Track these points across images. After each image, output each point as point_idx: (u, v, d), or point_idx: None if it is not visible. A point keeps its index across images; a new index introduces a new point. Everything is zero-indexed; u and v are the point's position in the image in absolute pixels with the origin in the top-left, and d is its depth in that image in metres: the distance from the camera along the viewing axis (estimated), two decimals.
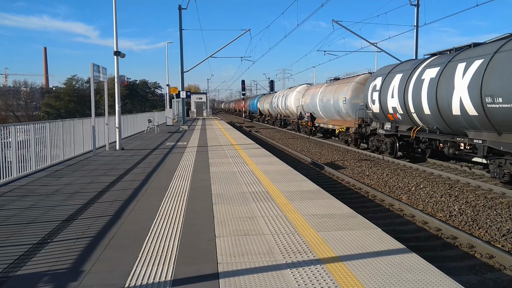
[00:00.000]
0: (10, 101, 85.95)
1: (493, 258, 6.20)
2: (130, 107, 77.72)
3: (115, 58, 15.97)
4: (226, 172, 9.81)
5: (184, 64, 34.49)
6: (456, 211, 8.89)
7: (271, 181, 8.58)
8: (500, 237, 7.25)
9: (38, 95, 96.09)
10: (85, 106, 72.86)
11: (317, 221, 5.59)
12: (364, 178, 13.06)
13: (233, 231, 5.18)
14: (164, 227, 5.44)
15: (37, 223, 5.75)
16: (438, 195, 10.31)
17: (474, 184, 11.33)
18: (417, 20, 25.89)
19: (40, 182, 9.04)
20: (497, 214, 8.49)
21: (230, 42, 34.83)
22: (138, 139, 21.39)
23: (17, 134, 9.57)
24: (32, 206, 6.83)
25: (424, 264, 4.00)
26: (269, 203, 6.66)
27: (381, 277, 3.72)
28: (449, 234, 7.33)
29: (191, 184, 8.39)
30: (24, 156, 9.86)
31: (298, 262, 4.12)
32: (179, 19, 33.31)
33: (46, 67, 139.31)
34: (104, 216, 6.07)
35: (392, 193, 10.87)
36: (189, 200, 6.96)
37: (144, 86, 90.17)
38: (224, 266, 4.05)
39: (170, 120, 36.26)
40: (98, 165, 11.72)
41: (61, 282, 3.78)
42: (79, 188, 8.23)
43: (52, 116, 70.12)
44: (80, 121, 14.52)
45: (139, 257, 4.34)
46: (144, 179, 9.14)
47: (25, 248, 4.72)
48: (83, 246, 4.74)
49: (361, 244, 4.63)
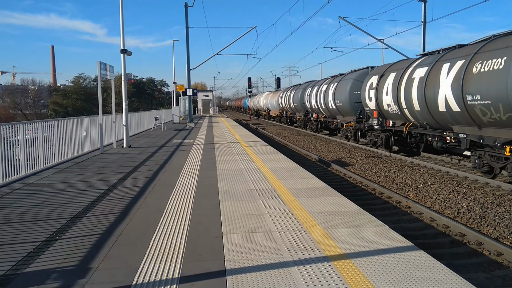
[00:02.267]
0: (18, 99, 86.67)
1: (501, 255, 6.15)
2: (137, 105, 78.10)
3: (122, 56, 16.03)
4: (232, 169, 9.82)
5: (190, 62, 34.53)
6: (464, 208, 8.83)
7: (277, 178, 8.57)
8: (509, 234, 7.19)
9: (46, 93, 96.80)
10: (92, 104, 73.27)
11: (324, 218, 5.58)
12: (371, 175, 13.01)
13: (240, 228, 5.19)
14: (171, 224, 5.46)
15: (45, 221, 5.80)
16: (446, 192, 10.25)
17: (482, 181, 11.25)
18: (425, 16, 25.72)
19: (48, 180, 9.11)
20: (506, 211, 8.42)
21: (236, 40, 34.86)
22: (145, 136, 21.47)
23: (25, 132, 9.65)
24: (41, 203, 6.89)
25: (432, 262, 3.98)
26: (276, 200, 6.66)
27: (388, 275, 3.70)
28: (457, 231, 7.28)
29: (198, 182, 8.41)
30: (32, 154, 9.94)
31: (305, 260, 4.12)
32: (186, 16, 33.32)
33: (53, 65, 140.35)
34: (112, 213, 6.10)
35: (399, 190, 10.82)
36: (196, 197, 6.98)
37: (150, 84, 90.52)
38: (231, 263, 4.05)
39: (176, 118, 36.32)
40: (106, 162, 11.78)
41: (70, 279, 3.80)
42: (87, 186, 8.28)
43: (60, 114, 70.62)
44: (87, 119, 14.61)
45: (146, 254, 4.36)
46: (151, 177, 9.17)
47: (34, 245, 4.76)
48: (91, 243, 4.77)
49: (368, 241, 4.61)
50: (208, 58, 41.32)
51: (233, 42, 37.43)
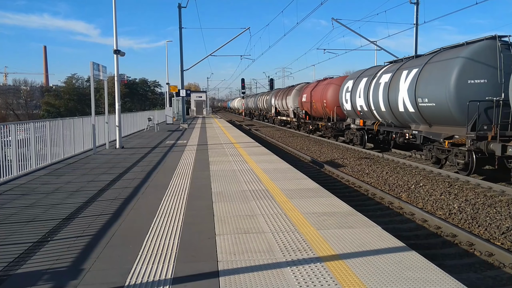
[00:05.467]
0: (10, 99, 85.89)
1: (492, 256, 6.21)
2: (130, 106, 77.73)
3: (115, 56, 15.97)
4: (226, 170, 9.81)
5: (184, 63, 34.50)
6: (455, 209, 8.90)
7: (271, 179, 8.58)
8: (500, 235, 7.26)
9: (38, 93, 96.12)
10: (85, 104, 72.88)
11: (317, 219, 5.59)
12: (363, 176, 13.07)
13: (233, 229, 5.19)
14: (164, 225, 5.45)
15: (37, 222, 5.76)
16: (437, 193, 10.32)
17: (473, 182, 11.34)
18: (417, 18, 25.87)
19: (40, 181, 9.05)
20: (497, 212, 8.50)
21: (230, 41, 34.88)
22: (138, 137, 21.40)
23: (17, 133, 9.58)
24: (33, 204, 6.84)
25: (424, 262, 4.01)
26: (269, 201, 6.67)
27: (381, 275, 3.73)
28: (448, 232, 7.34)
29: (191, 183, 8.40)
30: (24, 155, 9.87)
31: (298, 260, 4.13)
32: (179, 17, 33.31)
33: (46, 65, 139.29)
34: (105, 214, 6.08)
35: (391, 191, 10.88)
36: (189, 198, 6.97)
37: (144, 84, 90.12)
38: (224, 264, 4.06)
39: (170, 119, 36.22)
40: (99, 163, 11.73)
41: (62, 280, 3.78)
42: (80, 187, 8.24)
43: (52, 114, 70.12)
44: (80, 119, 14.53)
45: (139, 255, 4.35)
46: (144, 178, 9.14)
47: (26, 246, 4.73)
48: (83, 244, 4.75)
49: (361, 242, 4.63)
50: (201, 59, 41.27)
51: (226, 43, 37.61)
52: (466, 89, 11.85)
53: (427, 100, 13.23)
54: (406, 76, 14.62)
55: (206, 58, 40.05)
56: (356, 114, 19.78)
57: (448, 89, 12.11)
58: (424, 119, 13.91)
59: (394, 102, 15.36)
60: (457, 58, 12.25)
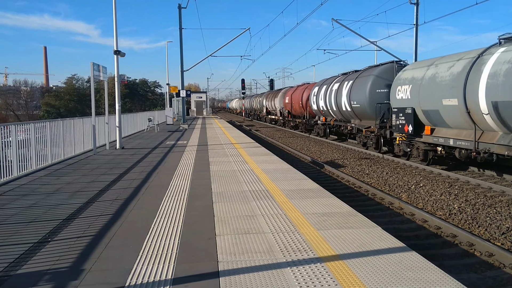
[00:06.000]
0: (10, 100, 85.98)
1: (492, 256, 6.21)
2: (130, 106, 77.76)
3: (115, 57, 15.98)
4: (226, 170, 9.82)
5: (184, 63, 34.52)
6: (455, 210, 8.90)
7: (271, 179, 8.59)
8: (500, 235, 7.26)
9: (38, 94, 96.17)
10: (85, 105, 72.92)
11: (317, 219, 5.60)
12: (364, 176, 13.07)
13: (233, 230, 5.20)
14: (165, 225, 5.45)
15: (37, 222, 5.77)
16: (437, 193, 10.32)
17: (473, 182, 11.35)
18: (417, 19, 25.84)
19: (40, 181, 9.06)
20: (497, 212, 8.50)
21: (230, 41, 34.90)
22: (138, 138, 21.40)
23: (18, 133, 9.58)
24: (33, 205, 6.85)
25: (424, 262, 4.02)
26: (269, 201, 6.67)
27: (381, 276, 3.73)
28: (449, 232, 7.34)
29: (191, 183, 8.40)
30: (25, 155, 9.88)
31: (298, 261, 4.13)
32: (179, 18, 33.32)
33: (46, 66, 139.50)
34: (105, 215, 6.08)
35: (392, 192, 10.88)
36: (189, 199, 6.97)
37: (144, 85, 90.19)
38: (225, 265, 4.06)
39: (170, 119, 36.22)
40: (99, 164, 11.74)
41: (62, 281, 3.79)
42: (80, 187, 8.25)
43: (52, 115, 70.16)
44: (80, 120, 14.54)
45: (139, 256, 4.35)
46: (144, 178, 9.15)
47: (26, 247, 4.73)
48: (83, 245, 4.75)
49: (361, 242, 4.64)
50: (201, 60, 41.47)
51: (226, 44, 37.50)
52: (375, 95, 17.83)
53: (355, 103, 19.42)
54: (346, 85, 20.87)
55: (206, 58, 39.98)
56: (320, 112, 26.13)
57: (365, 95, 18.22)
58: (357, 116, 20.09)
59: (340, 103, 21.55)
60: (370, 76, 18.56)
